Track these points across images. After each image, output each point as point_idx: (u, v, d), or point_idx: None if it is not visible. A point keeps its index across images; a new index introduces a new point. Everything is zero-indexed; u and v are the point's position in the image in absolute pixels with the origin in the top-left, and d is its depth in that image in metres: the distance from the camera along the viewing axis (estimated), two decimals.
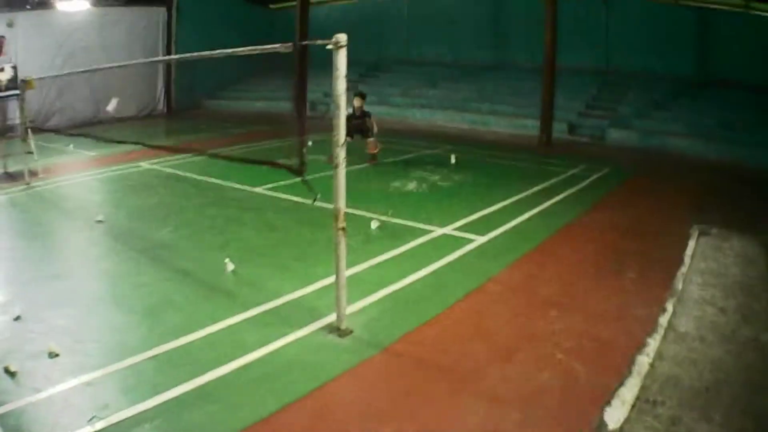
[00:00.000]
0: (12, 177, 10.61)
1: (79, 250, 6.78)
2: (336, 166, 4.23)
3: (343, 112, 4.20)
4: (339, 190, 4.30)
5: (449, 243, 6.52)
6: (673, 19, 17.74)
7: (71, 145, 14.41)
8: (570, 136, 15.86)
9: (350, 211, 7.59)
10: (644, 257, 6.22)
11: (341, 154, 4.20)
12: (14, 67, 14.47)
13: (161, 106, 23.80)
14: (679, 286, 5.40)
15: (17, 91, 11.62)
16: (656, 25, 17.95)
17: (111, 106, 11.30)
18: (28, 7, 20.36)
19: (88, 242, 6.97)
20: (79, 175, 11.10)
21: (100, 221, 7.49)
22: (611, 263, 6.02)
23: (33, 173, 10.40)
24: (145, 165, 11.58)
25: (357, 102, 11.34)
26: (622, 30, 18.50)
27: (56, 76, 16.31)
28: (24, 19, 19.83)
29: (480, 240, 6.60)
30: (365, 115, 11.38)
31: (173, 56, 24.58)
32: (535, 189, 9.28)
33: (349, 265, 5.01)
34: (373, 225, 7.02)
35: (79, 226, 7.67)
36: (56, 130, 15.41)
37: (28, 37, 19.74)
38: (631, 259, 6.14)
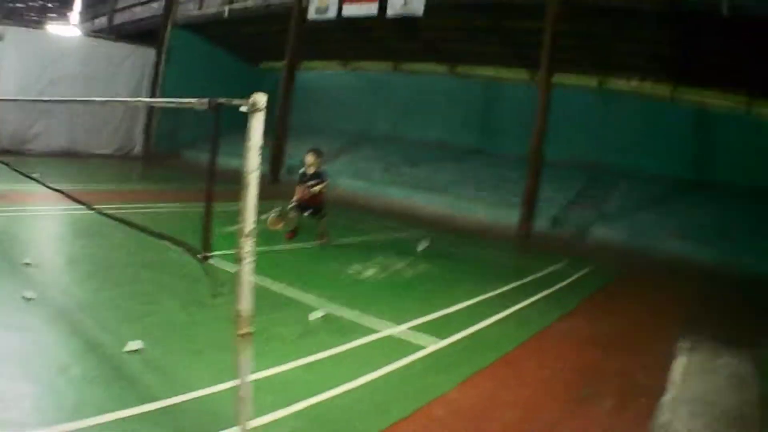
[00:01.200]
0: None
1: None
2: (242, 258, 3.27)
3: (252, 191, 3.23)
4: (243, 288, 3.31)
5: (399, 346, 5.49)
6: (670, 119, 17.42)
7: (37, 174, 13.71)
8: (553, 230, 15.08)
9: (292, 295, 6.79)
10: (625, 379, 5.28)
11: (247, 245, 3.25)
12: None
13: (138, 148, 23.42)
14: (663, 418, 4.49)
15: None
16: (652, 123, 17.64)
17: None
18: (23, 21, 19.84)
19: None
20: (27, 207, 10.41)
21: (27, 264, 6.63)
22: (586, 386, 5.04)
23: None
24: (96, 208, 10.64)
25: (309, 158, 9.84)
26: (616, 125, 18.15)
27: (34, 100, 15.65)
28: (13, 34, 19.49)
29: (435, 345, 5.56)
30: (319, 176, 9.82)
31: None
32: (509, 287, 8.33)
33: (276, 361, 4.69)
34: (312, 316, 6.03)
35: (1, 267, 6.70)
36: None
37: (15, 54, 19.35)
38: (610, 381, 5.19)
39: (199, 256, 3.79)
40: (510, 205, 15.54)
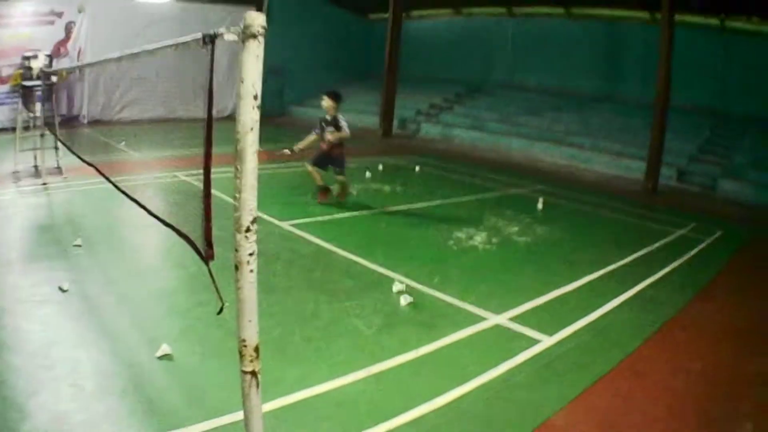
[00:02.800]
0: (35, 173, 9.96)
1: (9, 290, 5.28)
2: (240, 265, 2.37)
3: (250, 163, 2.41)
4: (243, 308, 2.39)
5: (499, 344, 4.73)
6: None
7: (123, 143, 13.89)
8: (678, 184, 13.96)
9: (380, 270, 6.30)
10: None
11: (246, 243, 2.36)
12: (49, 56, 13.88)
13: None
14: None
15: (50, 81, 10.91)
16: None
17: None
18: None
19: (32, 280, 5.45)
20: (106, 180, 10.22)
21: (77, 245, 6.43)
22: (726, 404, 4.18)
23: (54, 171, 9.85)
24: (182, 176, 10.63)
25: (326, 102, 8.95)
26: (740, 69, 16.49)
27: (90, 65, 15.71)
28: (95, 4, 19.44)
29: (542, 344, 4.77)
30: (335, 123, 8.91)
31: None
32: (632, 257, 7.58)
33: (342, 369, 4.05)
34: (402, 301, 5.42)
35: (47, 253, 6.27)
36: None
37: (98, 25, 19.32)
38: (755, 395, 4.33)
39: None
40: (634, 157, 14.56)
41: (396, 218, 8.79)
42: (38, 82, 10.82)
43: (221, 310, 2.69)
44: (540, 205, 10.09)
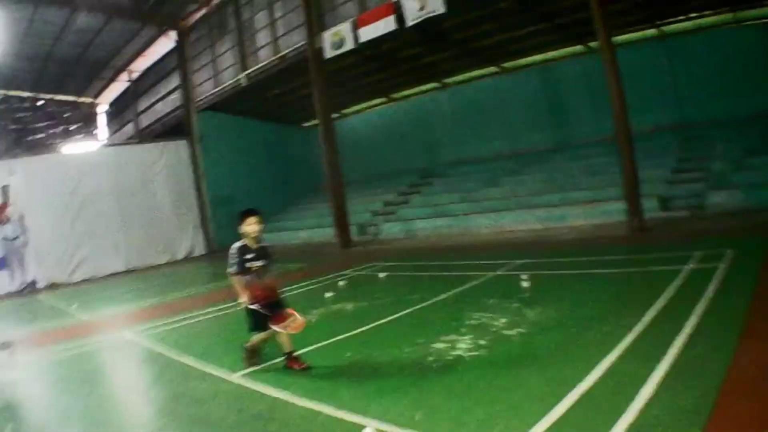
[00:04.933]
0: None
1: None
2: None
3: None
4: None
5: None
6: (740, 47, 14.94)
7: (74, 305, 13.15)
8: (664, 213, 12.74)
9: (347, 417, 4.74)
10: None
11: None
12: None
13: (198, 248, 22.70)
14: None
15: None
16: (725, 58, 15.28)
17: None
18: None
19: None
20: (45, 351, 9.21)
21: None
22: None
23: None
24: (128, 335, 9.66)
25: (253, 225, 6.38)
26: (689, 74, 15.81)
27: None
28: (25, 165, 18.89)
29: None
30: (267, 253, 6.49)
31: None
32: (647, 318, 6.15)
33: None
34: None
35: None
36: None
37: (34, 185, 18.96)
38: None
39: None
40: (609, 199, 13.50)
41: (362, 341, 7.33)
42: None
43: None
44: (525, 284, 8.73)
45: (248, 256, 6.32)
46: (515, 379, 5.20)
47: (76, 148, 26.21)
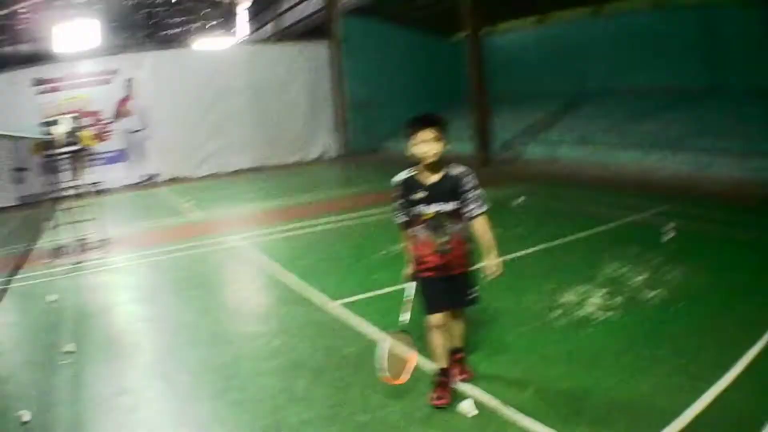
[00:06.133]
0: (78, 248, 9.40)
1: None
2: None
3: None
4: None
5: None
6: None
7: (192, 202, 13.11)
8: None
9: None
10: None
11: None
12: (77, 117, 12.99)
13: (332, 150, 22.38)
14: None
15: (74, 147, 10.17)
16: None
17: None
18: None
19: None
20: (146, 252, 9.42)
21: (69, 352, 5.40)
22: None
23: (86, 248, 9.35)
24: (234, 240, 9.70)
25: (426, 139, 3.95)
26: None
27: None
28: (155, 59, 19.00)
29: None
30: (457, 186, 3.99)
31: None
32: None
33: None
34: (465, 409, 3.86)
35: (27, 360, 5.55)
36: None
37: (161, 79, 19.13)
38: None
39: None
40: (764, 155, 12.26)
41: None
42: (64, 149, 10.17)
43: None
44: (668, 235, 8.07)
45: (416, 196, 3.96)
46: (648, 365, 4.49)
47: (209, 44, 26.20)
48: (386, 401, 4.16)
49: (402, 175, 4.10)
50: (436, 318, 4.01)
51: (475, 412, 3.89)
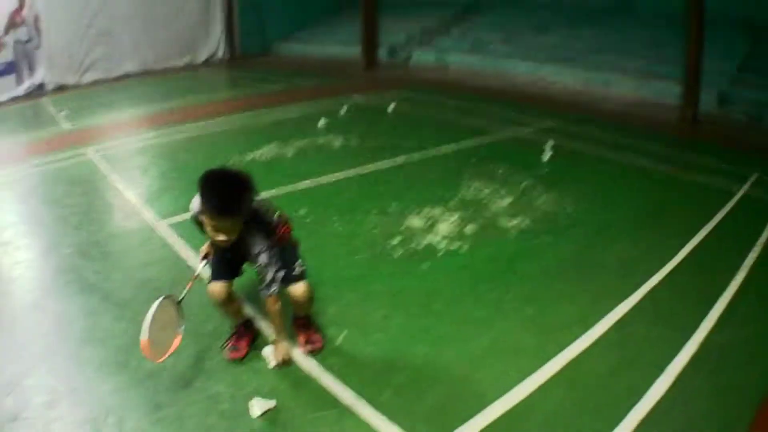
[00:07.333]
0: None
1: None
2: None
3: None
4: None
5: None
6: None
7: (63, 112, 11.85)
8: (720, 111, 11.05)
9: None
10: None
11: None
12: None
13: (221, 52, 21.00)
14: None
15: None
16: None
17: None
18: None
19: None
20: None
21: None
22: None
23: None
24: (89, 153, 8.20)
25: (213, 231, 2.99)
26: None
27: None
28: None
29: None
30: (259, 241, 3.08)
31: None
32: (696, 240, 4.79)
33: None
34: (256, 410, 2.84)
35: None
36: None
37: None
38: None
39: None
40: (665, 77, 11.72)
41: (327, 194, 6.01)
42: None
43: None
44: (547, 155, 7.24)
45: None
46: (495, 308, 3.71)
47: None
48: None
49: (195, 207, 3.21)
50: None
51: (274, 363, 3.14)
